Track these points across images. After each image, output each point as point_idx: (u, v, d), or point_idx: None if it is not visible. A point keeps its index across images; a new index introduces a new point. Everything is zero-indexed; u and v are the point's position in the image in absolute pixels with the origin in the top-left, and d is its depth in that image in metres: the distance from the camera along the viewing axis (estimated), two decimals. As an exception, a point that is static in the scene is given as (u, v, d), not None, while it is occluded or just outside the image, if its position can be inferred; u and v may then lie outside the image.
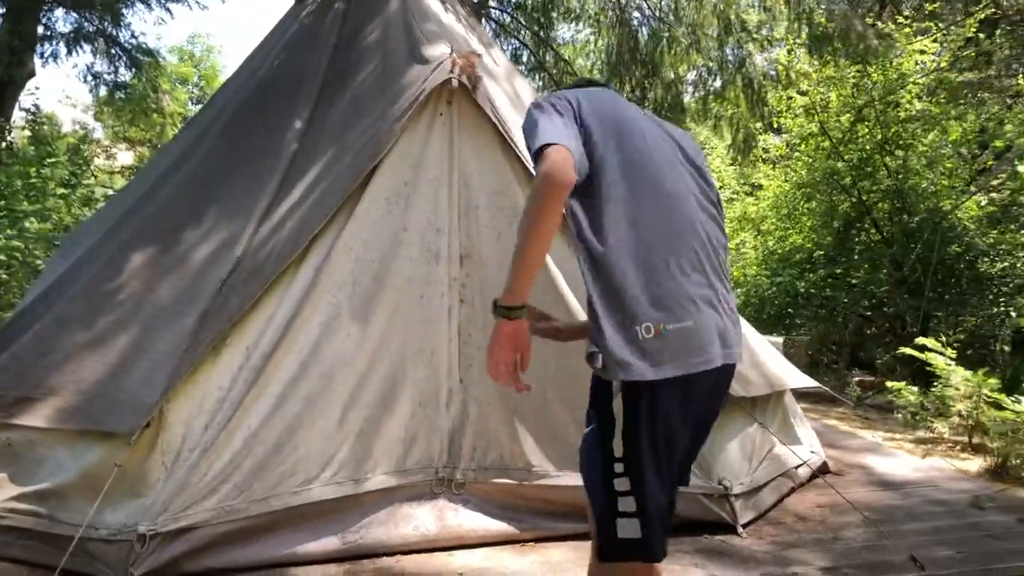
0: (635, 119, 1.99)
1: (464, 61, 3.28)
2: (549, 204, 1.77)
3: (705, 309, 1.89)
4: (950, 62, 12.61)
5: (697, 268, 1.91)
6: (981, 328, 12.32)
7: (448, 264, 3.33)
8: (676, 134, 2.15)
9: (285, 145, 3.71)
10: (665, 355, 1.83)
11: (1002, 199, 12.33)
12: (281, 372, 3.07)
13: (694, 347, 1.85)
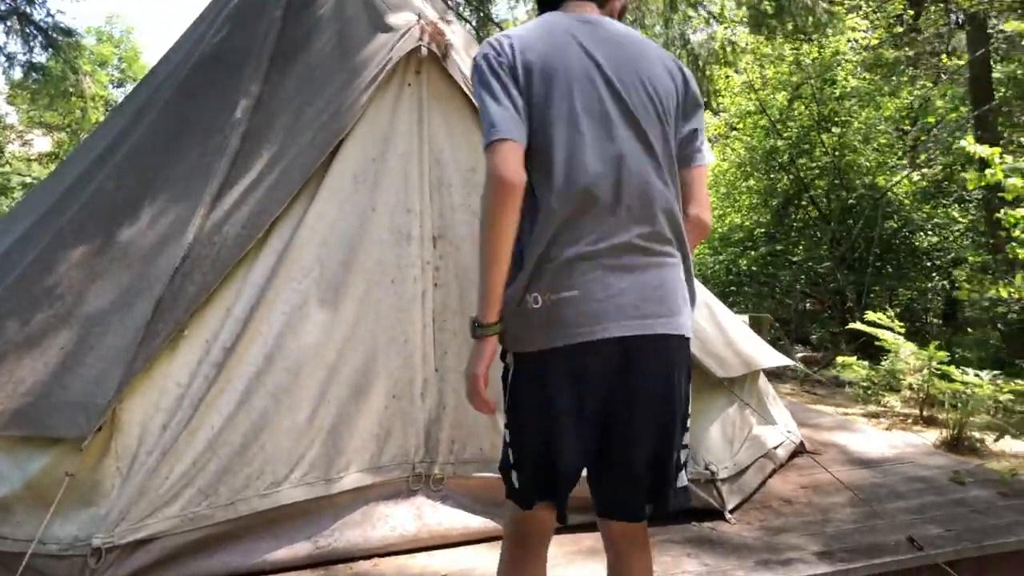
0: (569, 68, 1.83)
1: (432, 28, 3.07)
2: (500, 211, 1.73)
3: (601, 276, 1.78)
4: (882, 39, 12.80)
5: (602, 231, 1.79)
6: (916, 301, 12.60)
7: (420, 246, 3.13)
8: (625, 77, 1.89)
9: (233, 123, 3.42)
10: (543, 327, 1.79)
11: (934, 174, 12.59)
12: (244, 366, 2.84)
13: (581, 318, 1.77)
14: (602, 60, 1.87)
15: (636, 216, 1.82)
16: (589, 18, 1.95)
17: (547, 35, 1.89)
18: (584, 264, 1.78)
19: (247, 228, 2.93)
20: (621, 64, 1.88)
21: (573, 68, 1.84)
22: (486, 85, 1.82)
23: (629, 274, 1.80)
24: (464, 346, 3.15)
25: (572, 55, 1.86)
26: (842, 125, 11.60)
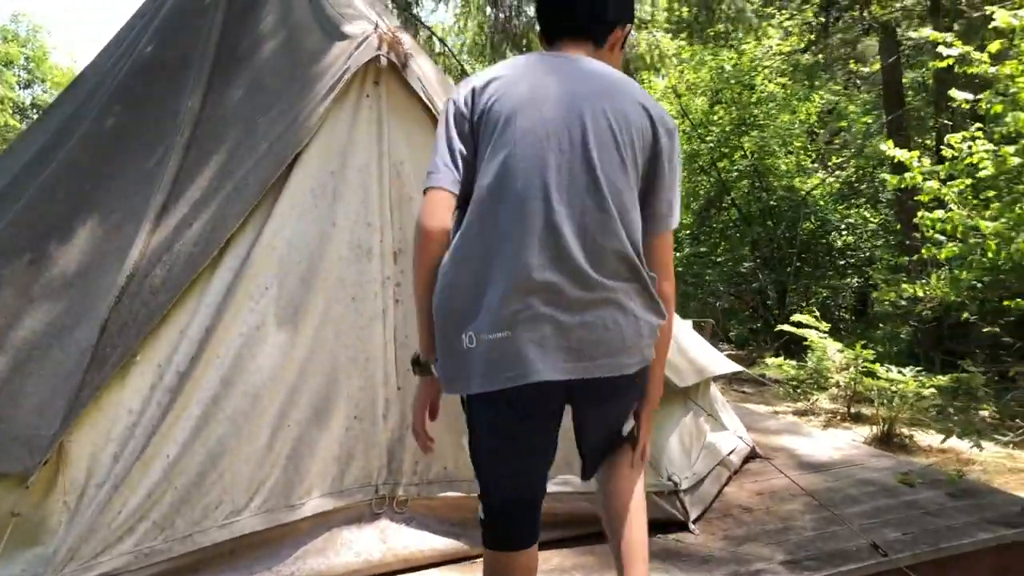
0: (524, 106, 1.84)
1: (391, 37, 2.98)
2: (419, 258, 1.92)
3: (530, 320, 1.77)
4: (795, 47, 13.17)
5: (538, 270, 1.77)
6: (829, 298, 13.02)
7: (381, 261, 3.03)
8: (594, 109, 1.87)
9: (175, 133, 3.27)
10: (476, 368, 1.81)
11: (848, 176, 13.02)
12: (200, 391, 2.69)
13: (509, 360, 1.78)
14: (566, 98, 1.86)
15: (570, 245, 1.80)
16: (567, 57, 1.99)
17: (521, 76, 1.91)
18: (518, 304, 1.76)
19: (200, 246, 2.78)
20: (588, 99, 1.87)
21: (536, 108, 1.85)
22: (439, 129, 1.95)
23: (568, 314, 1.79)
24: (426, 363, 3.07)
25: (539, 95, 1.86)
26: (760, 129, 11.89)
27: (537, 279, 1.76)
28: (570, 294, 1.79)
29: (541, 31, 2.13)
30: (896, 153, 6.72)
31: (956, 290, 6.95)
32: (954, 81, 8.33)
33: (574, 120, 1.84)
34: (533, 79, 1.89)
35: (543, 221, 1.78)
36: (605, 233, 1.82)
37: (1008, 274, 6.63)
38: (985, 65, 6.26)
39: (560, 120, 1.84)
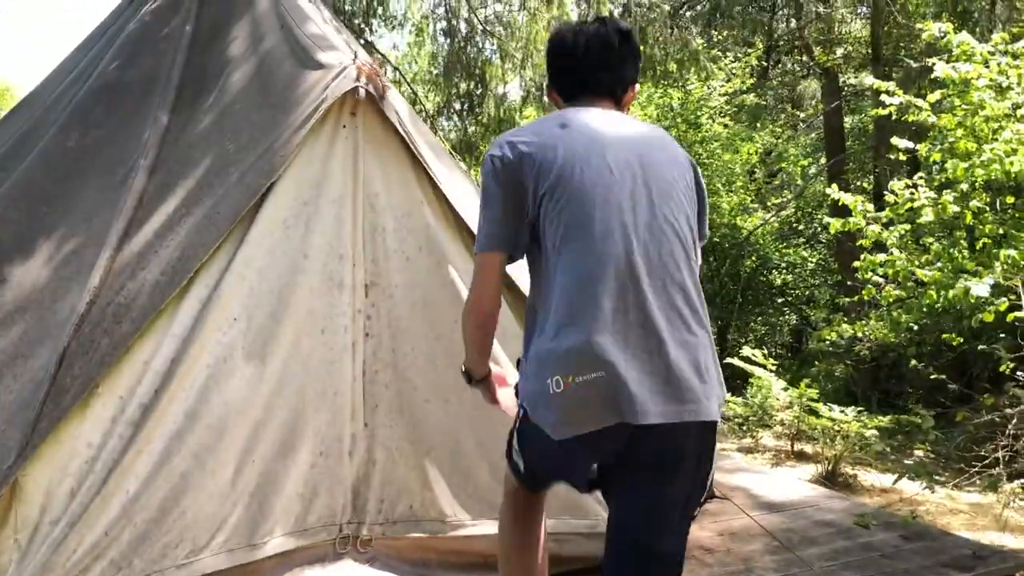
0: (588, 152, 1.89)
1: (370, 69, 2.95)
2: (470, 331, 2.10)
3: (626, 358, 1.77)
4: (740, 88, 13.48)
5: (621, 311, 1.79)
6: (766, 335, 13.27)
7: (352, 294, 2.98)
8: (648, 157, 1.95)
9: (138, 155, 3.18)
10: (568, 412, 1.78)
11: (787, 216, 13.33)
12: (164, 425, 2.60)
13: (601, 402, 1.76)
14: (620, 147, 1.91)
15: (649, 288, 1.81)
16: (601, 110, 2.04)
17: (567, 130, 1.94)
18: (606, 344, 1.75)
19: (167, 275, 2.70)
20: (640, 150, 1.94)
21: (592, 158, 1.88)
22: (488, 190, 1.94)
23: (650, 356, 1.77)
24: (395, 399, 3.02)
25: (592, 148, 1.90)
26: (704, 167, 12.11)
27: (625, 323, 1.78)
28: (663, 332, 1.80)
29: (560, 89, 2.17)
30: (840, 196, 6.89)
31: (896, 332, 7.13)
32: (894, 127, 8.62)
33: (636, 168, 1.90)
34: (582, 132, 1.94)
35: (625, 265, 1.80)
36: (679, 272, 1.86)
37: (945, 317, 6.83)
38: (926, 113, 6.48)
39: (623, 168, 1.89)
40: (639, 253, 1.82)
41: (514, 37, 8.41)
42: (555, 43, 2.17)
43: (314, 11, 3.77)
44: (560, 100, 2.16)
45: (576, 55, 2.09)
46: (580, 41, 2.08)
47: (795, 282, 12.63)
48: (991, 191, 6.33)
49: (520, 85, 8.99)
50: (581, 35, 2.08)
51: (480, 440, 3.05)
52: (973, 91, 6.01)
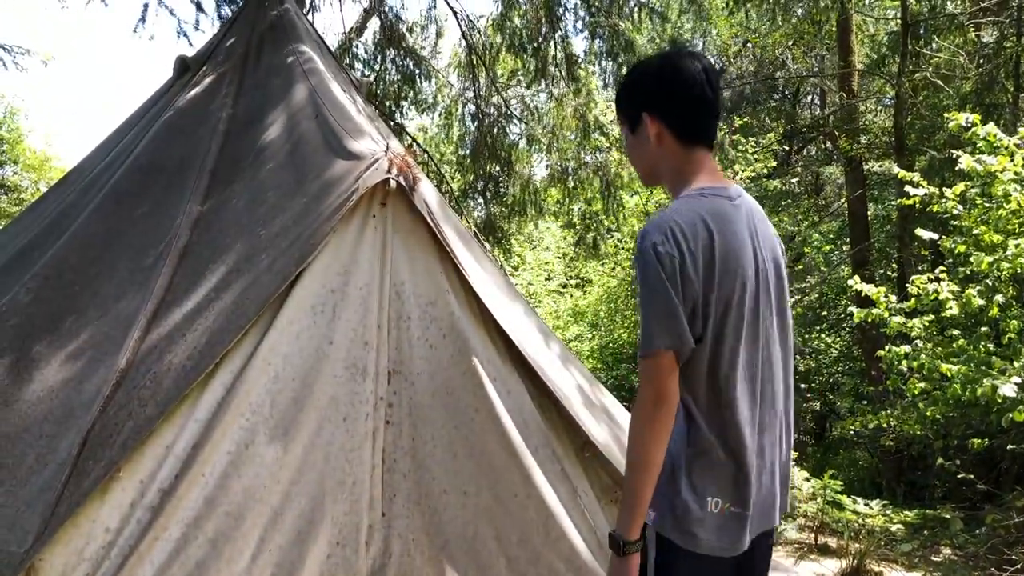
0: (739, 258, 1.79)
1: (401, 160, 3.02)
2: (651, 432, 1.70)
3: (761, 485, 1.80)
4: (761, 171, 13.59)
5: (760, 434, 1.80)
6: (789, 422, 13.05)
7: (375, 381, 2.98)
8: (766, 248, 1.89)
9: (171, 239, 3.25)
10: (716, 535, 1.76)
11: (811, 302, 13.27)
12: (182, 511, 2.59)
13: (737, 530, 1.77)
14: (758, 246, 1.85)
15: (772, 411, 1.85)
16: (741, 197, 1.91)
17: (715, 219, 1.78)
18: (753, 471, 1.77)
19: (193, 359, 2.72)
20: (764, 245, 1.88)
21: (742, 259, 1.79)
22: (655, 283, 1.73)
23: (771, 473, 1.82)
24: (414, 489, 3.00)
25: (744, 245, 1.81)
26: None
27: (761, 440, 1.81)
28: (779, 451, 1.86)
29: (680, 127, 1.91)
30: (863, 287, 6.87)
31: (921, 424, 7.02)
32: (918, 217, 8.63)
33: (767, 265, 1.86)
34: (726, 222, 1.81)
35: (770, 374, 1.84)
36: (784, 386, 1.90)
37: (973, 410, 6.72)
38: (952, 204, 6.49)
39: (759, 265, 1.84)
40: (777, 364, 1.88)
41: (540, 122, 8.58)
42: (676, 69, 1.91)
43: (348, 100, 3.87)
44: (674, 140, 1.91)
45: (706, 93, 1.89)
46: (709, 78, 1.88)
47: (819, 368, 12.50)
48: (1017, 284, 6.29)
49: (545, 167, 9.14)
50: (704, 69, 1.88)
51: (498, 534, 3.00)
52: (999, 184, 6.03)
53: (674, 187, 1.92)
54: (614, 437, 3.50)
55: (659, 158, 1.92)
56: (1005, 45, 9.36)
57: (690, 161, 1.90)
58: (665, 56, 1.96)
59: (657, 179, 1.99)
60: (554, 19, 8.16)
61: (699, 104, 1.89)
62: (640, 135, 1.94)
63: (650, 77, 1.95)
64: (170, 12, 7.05)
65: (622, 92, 2.00)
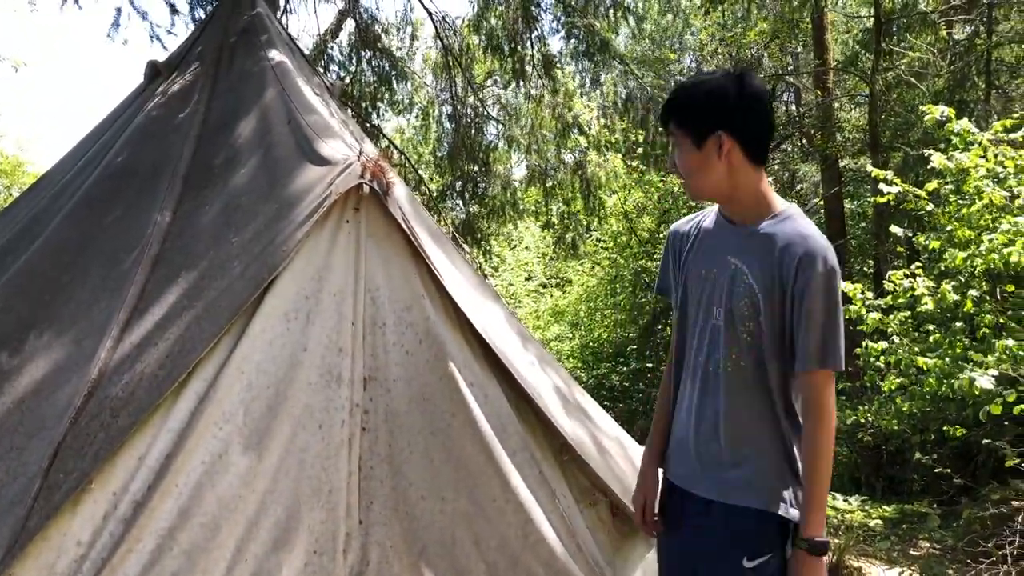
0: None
1: (374, 165, 3.00)
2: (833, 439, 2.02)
3: None
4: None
5: None
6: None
7: (351, 388, 2.96)
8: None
9: (143, 246, 3.21)
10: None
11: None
12: (156, 522, 2.56)
13: None
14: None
15: None
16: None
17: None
18: None
19: (165, 368, 2.69)
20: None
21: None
22: (839, 305, 1.97)
23: None
24: (391, 495, 2.98)
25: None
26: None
27: None
28: None
29: (755, 155, 2.08)
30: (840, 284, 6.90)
31: (898, 419, 7.07)
32: (893, 213, 8.70)
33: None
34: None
35: None
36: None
37: (948, 404, 6.78)
38: (924, 202, 6.53)
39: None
40: None
41: (518, 122, 8.58)
42: (755, 90, 2.07)
43: (321, 104, 3.85)
44: (745, 159, 2.05)
45: (773, 116, 2.15)
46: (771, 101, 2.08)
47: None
48: (991, 279, 6.35)
49: (524, 167, 9.15)
50: (770, 92, 2.08)
51: (476, 539, 3.00)
52: (972, 180, 6.08)
53: (751, 205, 2.09)
54: (592, 438, 3.51)
55: (727, 176, 2.05)
56: (976, 42, 9.46)
57: (763, 180, 2.10)
58: (739, 76, 2.09)
59: (714, 194, 2.14)
60: (530, 19, 8.16)
61: (771, 127, 2.12)
62: (707, 151, 2.04)
63: (729, 96, 2.03)
64: (143, 16, 6.99)
65: (691, 107, 2.07)
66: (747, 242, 2.09)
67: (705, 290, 2.16)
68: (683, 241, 2.29)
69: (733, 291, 2.08)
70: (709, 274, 2.16)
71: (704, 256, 2.19)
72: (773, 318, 2.02)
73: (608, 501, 3.33)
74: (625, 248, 12.78)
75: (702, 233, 2.23)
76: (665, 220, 12.61)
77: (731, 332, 2.09)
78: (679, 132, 2.09)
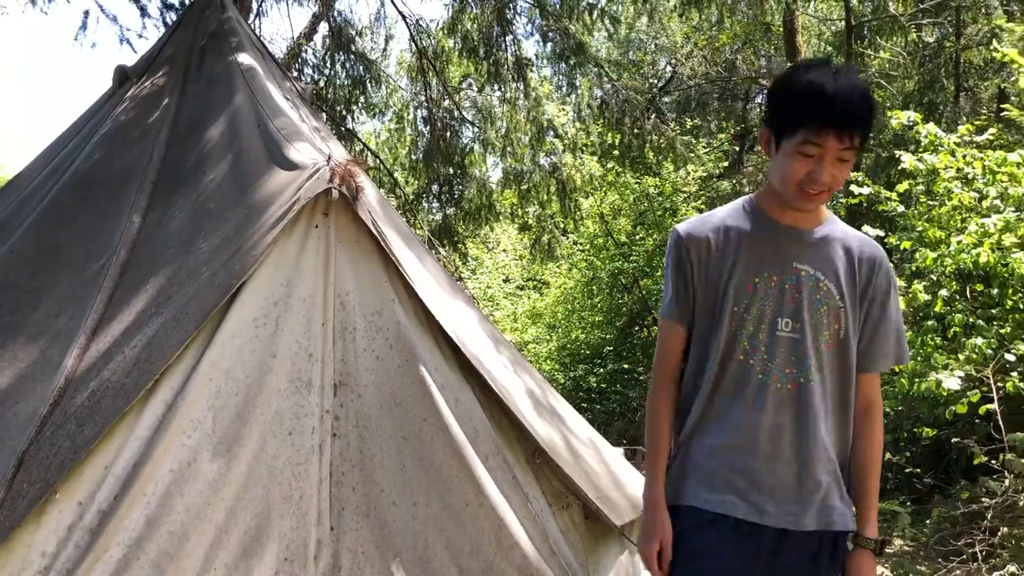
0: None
1: (343, 170, 2.99)
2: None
3: None
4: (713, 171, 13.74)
5: None
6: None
7: (321, 394, 2.95)
8: None
9: (111, 252, 3.19)
10: None
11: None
12: (123, 531, 2.53)
13: None
14: None
15: None
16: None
17: None
18: None
19: (132, 376, 2.67)
20: None
21: None
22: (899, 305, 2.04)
23: None
24: (362, 501, 2.97)
25: None
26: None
27: None
28: None
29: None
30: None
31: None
32: (865, 214, 8.78)
33: None
34: None
35: None
36: None
37: (921, 403, 6.85)
38: (894, 203, 6.60)
39: None
40: None
41: (493, 125, 8.59)
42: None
43: (291, 108, 3.84)
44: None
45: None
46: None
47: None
48: (961, 279, 6.42)
49: (500, 170, 9.15)
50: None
51: (449, 544, 2.99)
52: (941, 182, 6.14)
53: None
54: (564, 441, 3.51)
55: None
56: (945, 45, 9.58)
57: None
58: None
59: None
60: (504, 22, 8.17)
61: None
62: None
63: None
64: (112, 19, 6.94)
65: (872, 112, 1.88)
66: (817, 248, 1.97)
67: (764, 301, 1.93)
68: (705, 249, 1.99)
69: (810, 300, 1.93)
70: (767, 283, 1.94)
71: (756, 263, 1.95)
72: (856, 324, 1.97)
73: (581, 504, 3.33)
74: (602, 250, 12.79)
75: (743, 238, 1.98)
76: (641, 222, 12.66)
77: (810, 344, 1.93)
78: (861, 137, 1.86)
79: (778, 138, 1.89)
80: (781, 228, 1.97)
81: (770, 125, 1.93)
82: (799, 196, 1.88)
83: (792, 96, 1.85)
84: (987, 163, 6.00)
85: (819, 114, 1.78)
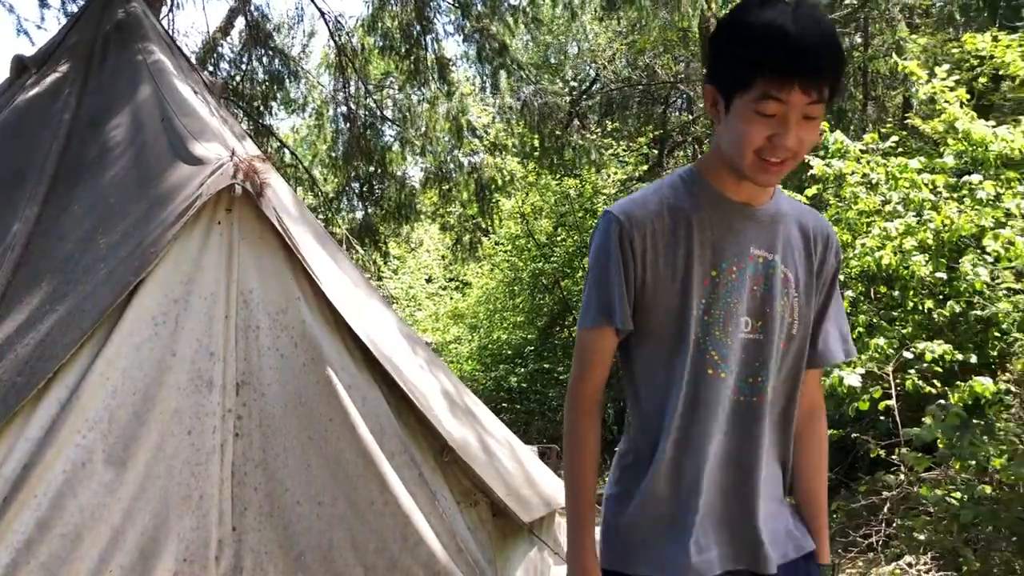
0: None
1: (247, 166, 2.95)
2: None
3: None
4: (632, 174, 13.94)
5: None
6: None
7: (223, 393, 2.91)
8: None
9: (5, 249, 3.08)
10: None
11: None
12: (12, 535, 2.46)
13: None
14: None
15: None
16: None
17: None
18: None
19: (24, 375, 2.59)
20: None
21: None
22: None
23: None
24: (265, 501, 2.93)
25: None
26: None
27: None
28: None
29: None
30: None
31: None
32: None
33: None
34: None
35: None
36: None
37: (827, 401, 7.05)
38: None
39: None
40: None
41: (413, 124, 8.56)
42: None
43: (200, 103, 3.77)
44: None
45: None
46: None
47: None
48: (866, 281, 6.65)
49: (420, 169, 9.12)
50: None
51: (354, 542, 2.98)
52: (847, 187, 6.36)
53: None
54: (478, 439, 3.54)
55: None
56: (854, 55, 9.91)
57: None
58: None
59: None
60: (425, 21, 8.16)
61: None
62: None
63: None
64: (9, 9, 6.69)
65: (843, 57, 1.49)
66: (770, 228, 1.58)
67: (726, 297, 1.55)
68: (651, 236, 1.52)
69: (769, 292, 1.58)
70: (726, 275, 1.55)
71: (712, 251, 1.55)
72: (808, 315, 1.62)
73: (489, 501, 3.35)
74: (523, 251, 12.84)
75: (693, 221, 1.54)
76: (562, 223, 12.75)
77: (773, 346, 1.58)
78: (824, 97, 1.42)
79: (727, 96, 1.45)
80: (735, 206, 1.56)
81: (715, 80, 1.48)
82: (758, 167, 1.45)
83: (744, 40, 1.41)
84: (890, 169, 6.23)
85: (780, 61, 1.36)
